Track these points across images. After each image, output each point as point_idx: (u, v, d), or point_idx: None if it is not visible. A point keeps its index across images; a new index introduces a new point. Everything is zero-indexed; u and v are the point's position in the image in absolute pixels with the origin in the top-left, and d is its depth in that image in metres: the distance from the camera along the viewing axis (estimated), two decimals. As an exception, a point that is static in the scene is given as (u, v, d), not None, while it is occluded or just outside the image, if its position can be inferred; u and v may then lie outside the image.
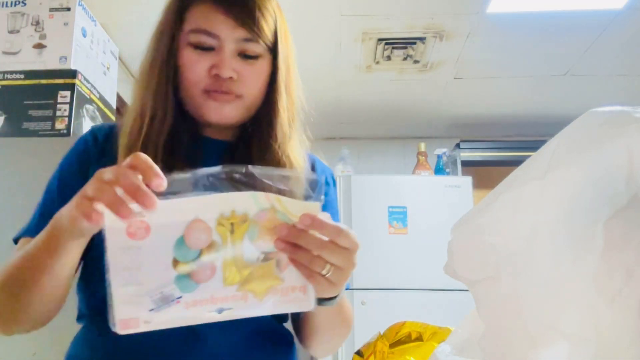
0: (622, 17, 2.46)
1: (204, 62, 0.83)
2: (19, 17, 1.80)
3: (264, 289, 0.60)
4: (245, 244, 0.58)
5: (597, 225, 0.41)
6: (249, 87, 0.85)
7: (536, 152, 0.48)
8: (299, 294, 0.62)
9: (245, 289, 0.59)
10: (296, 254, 0.60)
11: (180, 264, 0.57)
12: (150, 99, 0.84)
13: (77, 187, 0.83)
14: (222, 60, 0.82)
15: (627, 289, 0.40)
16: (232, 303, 0.59)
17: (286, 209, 0.59)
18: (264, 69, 0.86)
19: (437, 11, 2.44)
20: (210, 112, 0.85)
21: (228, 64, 0.82)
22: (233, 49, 0.83)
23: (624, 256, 0.41)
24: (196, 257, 0.57)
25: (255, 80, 0.85)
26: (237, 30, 0.82)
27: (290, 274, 0.61)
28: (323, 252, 0.61)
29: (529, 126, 3.64)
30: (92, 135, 0.92)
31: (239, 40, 0.83)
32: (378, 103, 3.34)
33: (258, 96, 0.87)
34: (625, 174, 0.42)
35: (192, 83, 0.84)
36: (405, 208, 2.82)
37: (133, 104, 0.87)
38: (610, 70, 2.95)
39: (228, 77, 0.82)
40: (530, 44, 2.69)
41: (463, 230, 0.51)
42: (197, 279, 0.57)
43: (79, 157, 0.89)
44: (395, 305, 2.69)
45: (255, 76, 0.85)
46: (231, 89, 0.83)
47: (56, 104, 1.71)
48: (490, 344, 0.47)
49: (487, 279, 0.48)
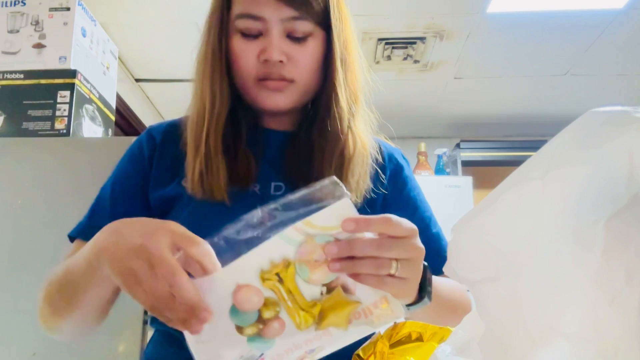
0: (622, 17, 2.46)
1: (253, 48, 0.80)
2: (19, 17, 1.80)
3: (344, 319, 0.55)
4: (301, 285, 0.54)
5: (598, 225, 0.41)
6: (301, 70, 0.81)
7: (536, 152, 0.48)
8: (383, 307, 0.56)
9: (324, 326, 0.55)
10: (355, 268, 0.54)
11: (244, 328, 0.54)
12: (208, 88, 0.81)
13: (132, 193, 0.84)
14: (269, 43, 0.78)
15: (628, 289, 0.40)
16: (317, 343, 0.55)
17: (321, 226, 0.53)
18: (317, 49, 0.81)
19: (437, 11, 2.44)
20: (265, 100, 0.82)
21: (276, 47, 0.78)
22: (281, 30, 0.79)
23: (624, 256, 0.41)
24: (257, 317, 0.53)
25: (308, 62, 0.81)
26: (282, 9, 0.78)
27: (362, 292, 0.55)
28: (381, 252, 0.54)
29: (529, 126, 3.65)
30: (147, 135, 0.89)
31: (285, 20, 0.78)
32: (378, 103, 3.34)
33: (313, 78, 0.83)
34: (625, 174, 0.42)
35: (244, 72, 0.81)
36: (405, 208, 2.82)
37: (193, 97, 0.85)
38: (610, 70, 2.95)
39: (278, 61, 0.79)
40: (530, 44, 2.69)
41: (463, 230, 0.51)
42: (269, 336, 0.54)
43: (134, 160, 0.87)
44: (395, 305, 2.69)
45: (307, 57, 0.81)
46: (282, 73, 0.80)
47: (56, 104, 1.71)
48: (490, 344, 0.47)
49: (487, 279, 0.48)
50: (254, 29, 0.79)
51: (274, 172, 0.84)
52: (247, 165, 0.81)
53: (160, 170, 0.84)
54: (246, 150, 0.82)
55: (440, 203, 2.87)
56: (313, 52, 0.81)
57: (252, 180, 0.82)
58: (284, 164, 0.84)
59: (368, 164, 0.84)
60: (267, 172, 0.84)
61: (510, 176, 0.49)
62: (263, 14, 0.78)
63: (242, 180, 0.80)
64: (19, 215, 1.59)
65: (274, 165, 0.85)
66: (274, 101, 0.82)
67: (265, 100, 0.82)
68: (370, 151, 0.85)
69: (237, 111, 0.84)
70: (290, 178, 0.83)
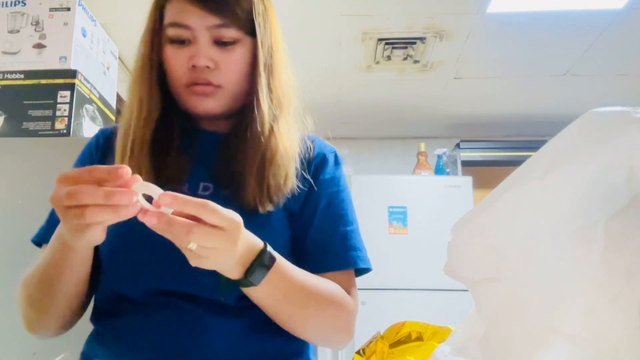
0: (622, 17, 2.46)
1: (182, 55, 0.83)
2: (19, 17, 1.80)
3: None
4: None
5: (598, 225, 0.41)
6: (228, 75, 0.84)
7: (536, 152, 0.48)
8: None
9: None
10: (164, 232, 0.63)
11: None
12: (138, 96, 0.85)
13: None
14: (197, 50, 0.82)
15: (628, 289, 0.40)
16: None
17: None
18: (244, 55, 0.85)
19: (437, 11, 2.44)
20: (196, 105, 0.85)
21: (203, 53, 0.82)
22: (207, 38, 0.83)
23: (624, 257, 0.41)
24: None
25: (234, 68, 0.84)
26: (207, 17, 0.82)
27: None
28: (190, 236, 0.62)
29: (529, 126, 3.65)
30: (95, 139, 0.94)
31: (211, 28, 0.82)
32: (378, 103, 3.34)
33: (241, 83, 0.86)
34: (625, 174, 0.42)
35: (174, 78, 0.85)
36: (405, 208, 2.82)
37: (123, 107, 0.90)
38: (610, 70, 2.95)
39: (205, 67, 0.82)
40: (530, 44, 2.69)
41: (463, 230, 0.51)
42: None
43: (85, 162, 0.92)
44: (395, 305, 2.69)
45: (234, 63, 0.84)
46: (209, 79, 0.83)
47: (56, 104, 1.71)
48: (490, 345, 0.47)
49: (487, 280, 0.48)
50: (183, 36, 0.83)
51: (205, 172, 0.87)
52: (178, 167, 0.85)
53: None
54: (178, 153, 0.86)
55: (440, 203, 2.88)
56: (239, 58, 0.85)
57: (182, 181, 0.85)
58: (214, 164, 0.88)
59: (292, 165, 0.87)
60: (198, 173, 0.87)
61: (510, 176, 0.49)
62: (190, 23, 0.82)
63: (171, 182, 0.83)
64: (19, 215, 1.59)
65: (206, 165, 0.88)
66: (204, 106, 0.85)
67: (196, 105, 0.85)
68: (294, 153, 0.88)
69: (170, 115, 0.87)
70: (218, 178, 0.86)
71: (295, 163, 0.87)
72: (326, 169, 0.92)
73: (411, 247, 2.76)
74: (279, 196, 0.84)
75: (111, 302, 0.83)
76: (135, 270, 0.81)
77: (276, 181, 0.84)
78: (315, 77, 2.95)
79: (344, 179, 0.95)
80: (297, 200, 0.87)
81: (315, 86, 3.13)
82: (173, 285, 0.79)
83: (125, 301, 0.81)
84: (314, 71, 2.90)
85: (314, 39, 2.62)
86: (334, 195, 0.91)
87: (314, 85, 2.93)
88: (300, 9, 2.35)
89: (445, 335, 0.65)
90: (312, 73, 2.90)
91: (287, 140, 0.87)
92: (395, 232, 2.79)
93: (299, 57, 0.93)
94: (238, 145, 0.85)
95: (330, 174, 0.92)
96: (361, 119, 3.54)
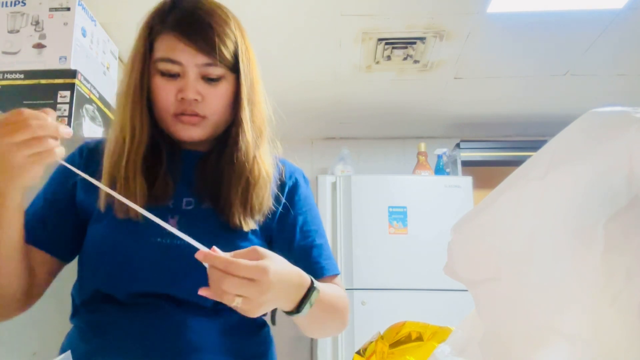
0: (622, 17, 2.46)
1: (171, 88, 0.92)
2: (19, 17, 1.80)
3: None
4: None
5: (598, 225, 0.41)
6: (212, 108, 0.93)
7: (536, 152, 0.48)
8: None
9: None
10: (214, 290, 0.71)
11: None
12: (128, 121, 0.92)
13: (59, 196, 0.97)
14: (186, 84, 0.90)
15: (628, 290, 0.40)
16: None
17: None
18: (228, 89, 0.94)
19: (437, 11, 2.44)
20: (181, 132, 0.94)
21: (192, 87, 0.90)
22: (196, 74, 0.91)
23: (624, 257, 0.41)
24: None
25: (219, 101, 0.93)
26: (197, 56, 0.90)
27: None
28: (223, 285, 0.69)
29: (529, 126, 3.64)
30: (79, 150, 1.02)
31: (200, 66, 0.90)
32: (378, 103, 3.33)
33: (224, 113, 0.95)
34: (625, 174, 0.42)
35: (162, 108, 0.93)
36: (405, 208, 2.82)
37: (113, 126, 0.96)
38: (610, 70, 2.95)
39: (193, 99, 0.91)
40: (530, 44, 2.69)
41: (463, 230, 0.51)
42: None
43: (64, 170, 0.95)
44: (395, 305, 2.68)
45: (218, 97, 0.93)
46: (196, 110, 0.92)
47: (56, 104, 1.71)
48: (490, 345, 0.47)
49: (487, 280, 0.48)
50: (173, 70, 0.91)
51: (187, 188, 0.96)
52: (165, 187, 0.94)
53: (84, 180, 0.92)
54: (165, 174, 0.95)
55: (440, 203, 2.88)
56: (224, 93, 0.94)
57: (169, 198, 0.94)
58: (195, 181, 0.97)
59: (270, 187, 0.98)
60: (181, 189, 0.96)
61: (510, 176, 0.49)
62: (181, 59, 0.90)
63: (158, 200, 0.92)
64: (19, 215, 1.58)
65: (188, 182, 0.97)
66: (189, 134, 0.94)
67: (181, 133, 0.94)
68: (271, 176, 0.99)
69: (158, 139, 0.96)
70: (199, 194, 0.96)
71: (271, 184, 0.98)
72: (299, 190, 1.04)
73: (411, 247, 2.75)
74: (259, 215, 0.95)
75: (96, 301, 0.89)
76: (124, 273, 0.87)
77: (259, 202, 0.95)
78: (315, 77, 2.95)
79: (312, 195, 1.09)
80: (272, 216, 0.98)
81: (315, 86, 3.13)
82: (157, 288, 0.87)
83: (110, 301, 0.87)
84: (314, 71, 2.90)
85: (314, 39, 2.62)
86: (307, 213, 1.03)
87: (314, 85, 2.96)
88: (300, 9, 2.35)
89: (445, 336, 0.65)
90: (312, 73, 2.90)
91: (267, 165, 0.98)
92: (395, 232, 2.79)
93: (299, 57, 0.94)
94: (222, 168, 0.95)
95: (304, 194, 1.05)
96: (361, 119, 3.54)
